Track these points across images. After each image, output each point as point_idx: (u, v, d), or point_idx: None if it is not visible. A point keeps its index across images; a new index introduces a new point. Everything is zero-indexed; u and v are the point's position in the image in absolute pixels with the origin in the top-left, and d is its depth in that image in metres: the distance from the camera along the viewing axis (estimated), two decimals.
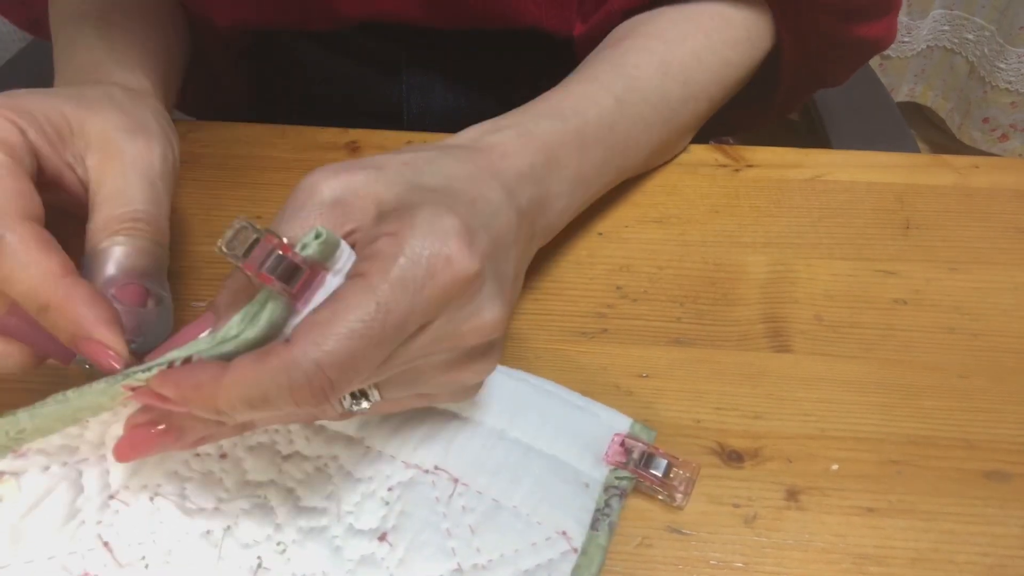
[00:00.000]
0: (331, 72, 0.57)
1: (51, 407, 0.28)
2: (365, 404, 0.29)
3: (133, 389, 0.28)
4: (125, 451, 0.28)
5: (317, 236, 0.26)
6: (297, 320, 0.26)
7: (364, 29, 0.50)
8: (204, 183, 0.46)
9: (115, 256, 0.31)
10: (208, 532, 0.31)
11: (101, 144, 0.33)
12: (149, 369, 0.27)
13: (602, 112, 0.39)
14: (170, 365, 0.26)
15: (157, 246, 0.32)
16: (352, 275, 0.26)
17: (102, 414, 0.31)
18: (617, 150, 0.40)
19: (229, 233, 0.25)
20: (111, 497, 0.31)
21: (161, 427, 0.28)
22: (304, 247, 0.26)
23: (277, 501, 0.32)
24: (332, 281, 0.26)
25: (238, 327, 0.26)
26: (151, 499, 0.31)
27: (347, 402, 0.29)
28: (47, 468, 0.31)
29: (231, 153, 0.47)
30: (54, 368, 0.32)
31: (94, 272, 0.31)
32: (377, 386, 0.29)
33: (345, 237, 0.28)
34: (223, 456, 0.32)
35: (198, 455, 0.32)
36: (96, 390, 0.28)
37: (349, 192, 0.28)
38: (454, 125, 0.38)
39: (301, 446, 0.33)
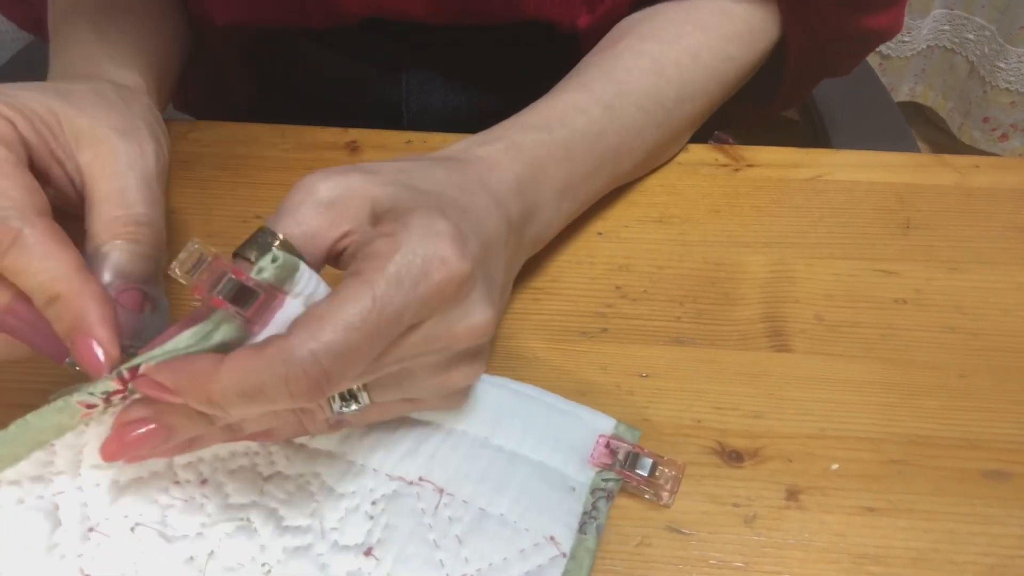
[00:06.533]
0: (331, 70, 0.57)
1: (13, 432, 0.28)
2: (354, 406, 0.29)
3: (89, 406, 0.28)
4: (113, 449, 0.28)
5: (274, 260, 0.26)
6: (254, 341, 0.26)
7: (364, 27, 0.50)
8: (204, 183, 0.46)
9: (115, 260, 0.31)
10: (191, 558, 0.30)
11: (92, 142, 0.33)
12: (105, 382, 0.27)
13: (590, 121, 0.39)
14: (120, 377, 0.27)
15: (156, 250, 0.32)
16: (349, 274, 0.26)
17: (66, 435, 0.30)
18: (608, 157, 0.40)
19: (183, 255, 0.25)
20: (91, 530, 0.30)
21: (151, 425, 0.27)
22: (260, 271, 0.26)
23: (260, 522, 0.31)
24: (292, 304, 0.27)
25: (187, 341, 0.26)
26: (132, 529, 0.31)
27: (336, 404, 0.29)
28: (21, 501, 0.30)
29: (231, 153, 0.47)
30: (52, 367, 0.32)
31: (94, 275, 0.31)
32: (367, 388, 0.29)
33: (340, 239, 0.28)
34: (203, 482, 0.32)
35: (178, 483, 0.32)
36: (55, 408, 0.28)
37: (346, 192, 0.28)
38: (454, 123, 0.38)
39: (282, 466, 0.33)
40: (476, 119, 0.39)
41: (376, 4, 0.48)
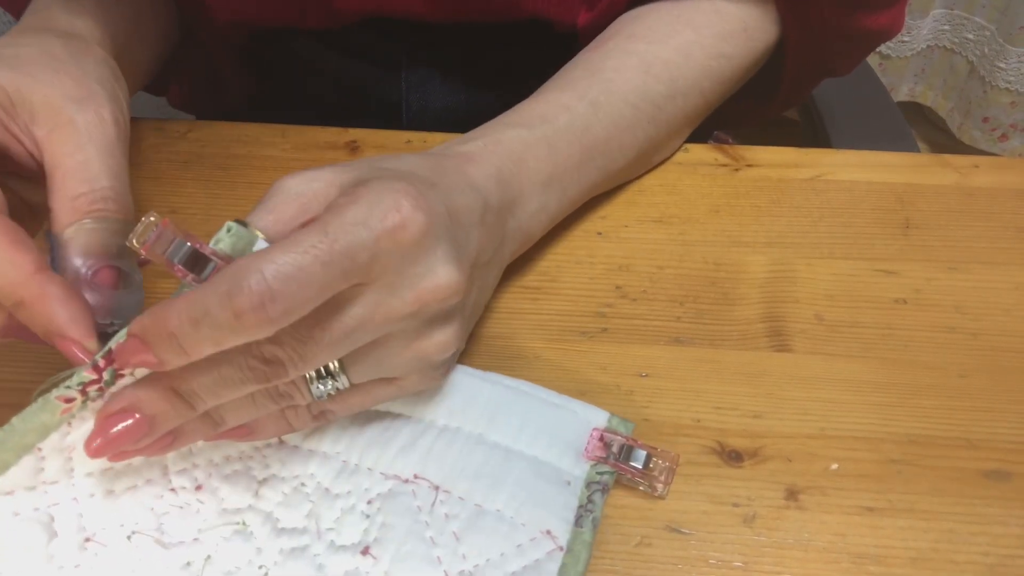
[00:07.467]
0: (330, 70, 0.57)
1: (0, 438, 0.29)
2: (331, 384, 0.29)
3: (67, 400, 0.28)
4: (98, 446, 0.27)
5: (229, 230, 0.27)
6: None
7: (363, 26, 0.50)
8: (204, 183, 0.46)
9: (84, 241, 0.31)
10: (188, 563, 0.30)
11: (48, 115, 0.32)
12: (79, 373, 0.27)
13: (573, 117, 0.39)
14: (95, 365, 0.27)
15: (125, 224, 0.32)
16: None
17: (51, 437, 0.30)
18: (596, 151, 0.40)
19: (140, 227, 0.26)
20: (87, 540, 0.30)
21: (133, 418, 0.27)
22: (217, 241, 0.27)
23: (256, 525, 0.31)
24: None
25: None
26: (128, 537, 0.30)
27: (314, 384, 0.29)
28: (16, 514, 0.30)
29: (231, 153, 0.47)
30: (52, 368, 0.32)
31: (65, 257, 0.30)
32: (343, 366, 0.29)
33: (302, 227, 0.28)
34: (199, 488, 0.32)
35: (173, 489, 0.32)
36: (36, 408, 0.28)
37: (314, 183, 0.29)
38: (453, 122, 0.38)
39: (277, 469, 0.32)
40: (476, 118, 0.39)
41: (376, 2, 0.48)
